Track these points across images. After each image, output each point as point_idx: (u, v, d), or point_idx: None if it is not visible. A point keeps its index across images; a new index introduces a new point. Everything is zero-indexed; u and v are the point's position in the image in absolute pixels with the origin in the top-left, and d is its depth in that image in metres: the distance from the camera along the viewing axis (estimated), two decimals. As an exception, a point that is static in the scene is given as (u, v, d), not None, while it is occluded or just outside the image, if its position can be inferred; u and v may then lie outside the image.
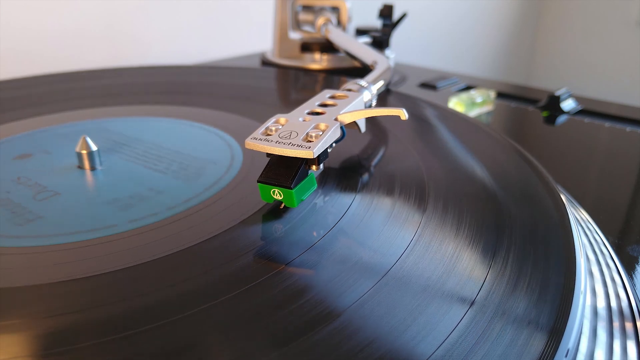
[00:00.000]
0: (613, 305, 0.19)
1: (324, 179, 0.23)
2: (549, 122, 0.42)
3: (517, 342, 0.14)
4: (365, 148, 0.27)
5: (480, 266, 0.17)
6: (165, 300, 0.15)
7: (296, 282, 0.16)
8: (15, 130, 0.30)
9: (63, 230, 0.19)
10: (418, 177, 0.24)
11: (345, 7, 0.53)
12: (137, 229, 0.19)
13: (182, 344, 0.13)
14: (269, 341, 0.14)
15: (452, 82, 0.53)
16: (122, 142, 0.28)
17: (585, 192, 0.30)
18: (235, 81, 0.42)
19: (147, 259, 0.17)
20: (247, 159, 0.26)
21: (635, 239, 0.25)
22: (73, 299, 0.15)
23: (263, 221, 0.20)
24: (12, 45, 0.52)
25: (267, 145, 0.20)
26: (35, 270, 0.17)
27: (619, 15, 1.29)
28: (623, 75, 1.30)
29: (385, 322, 0.14)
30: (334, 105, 0.24)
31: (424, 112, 0.35)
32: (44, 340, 0.14)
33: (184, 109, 0.34)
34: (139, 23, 0.62)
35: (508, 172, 0.26)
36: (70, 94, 0.38)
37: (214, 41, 0.70)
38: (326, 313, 0.15)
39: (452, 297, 0.16)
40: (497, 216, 0.21)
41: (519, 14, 1.37)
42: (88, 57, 0.58)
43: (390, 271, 0.17)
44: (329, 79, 0.44)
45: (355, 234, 0.19)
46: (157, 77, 0.43)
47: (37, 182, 0.23)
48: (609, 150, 0.37)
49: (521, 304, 0.15)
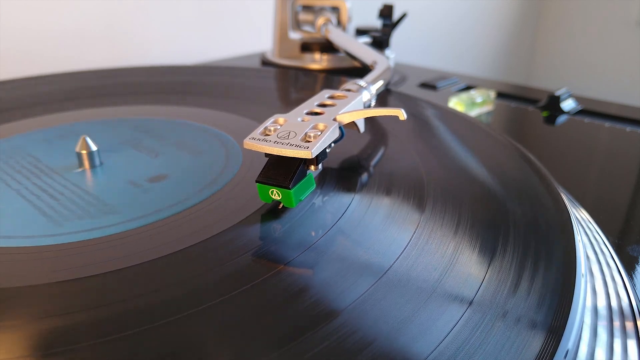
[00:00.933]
0: (613, 304, 0.19)
1: (323, 179, 0.23)
2: (549, 122, 0.42)
3: (517, 342, 0.14)
4: (364, 148, 0.27)
5: (480, 266, 0.17)
6: (164, 300, 0.15)
7: (295, 282, 0.16)
8: (16, 130, 0.30)
9: (63, 230, 0.19)
10: (417, 177, 0.24)
11: (345, 7, 0.53)
12: (136, 229, 0.19)
13: (181, 344, 0.13)
14: (268, 341, 0.14)
15: (452, 82, 0.53)
16: (121, 142, 0.28)
17: (585, 192, 0.30)
18: (235, 81, 0.42)
19: (147, 259, 0.17)
20: (246, 159, 0.26)
21: (635, 239, 0.25)
22: (73, 299, 0.15)
23: (262, 221, 0.20)
24: (12, 45, 0.52)
25: (266, 145, 0.20)
26: (35, 270, 0.17)
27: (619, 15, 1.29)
28: (623, 75, 1.30)
29: (385, 322, 0.14)
30: (332, 106, 0.24)
31: (423, 112, 0.35)
32: (44, 340, 0.14)
33: (183, 109, 0.34)
34: (139, 23, 0.62)
35: (508, 171, 0.26)
36: (70, 94, 0.38)
37: (214, 41, 0.70)
38: (325, 313, 0.15)
39: (451, 296, 0.16)
40: (497, 216, 0.21)
41: (519, 14, 1.37)
42: (88, 57, 0.58)
43: (389, 271, 0.17)
44: (329, 79, 0.44)
45: (354, 233, 0.19)
46: (157, 77, 0.43)
47: (37, 182, 0.23)
48: (609, 150, 0.37)
49: (521, 303, 0.15)
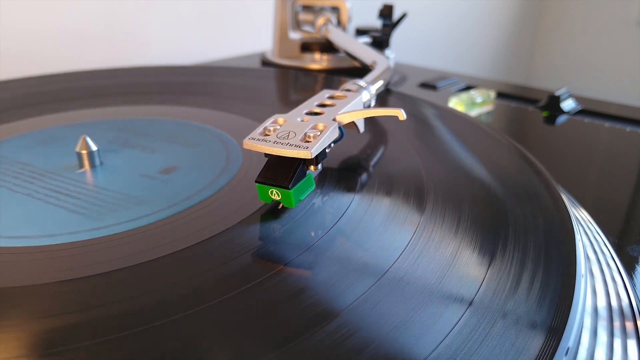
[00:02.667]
0: (613, 304, 0.19)
1: (323, 179, 0.23)
2: (549, 122, 0.42)
3: (517, 342, 0.14)
4: (364, 148, 0.27)
5: (480, 266, 0.17)
6: (164, 300, 0.15)
7: (295, 282, 0.16)
8: (16, 130, 0.30)
9: (63, 231, 0.19)
10: (417, 177, 0.24)
11: (345, 7, 0.53)
12: (136, 229, 0.19)
13: (181, 344, 0.13)
14: (268, 341, 0.14)
15: (452, 82, 0.53)
16: (121, 142, 0.28)
17: (585, 192, 0.30)
18: (235, 81, 0.42)
19: (146, 259, 0.17)
20: (246, 159, 0.26)
21: (635, 239, 0.25)
22: (73, 299, 0.15)
23: (261, 221, 0.20)
24: (12, 45, 0.52)
25: (265, 145, 0.20)
26: (35, 270, 0.17)
27: (619, 15, 1.29)
28: (623, 75, 1.30)
29: (384, 322, 0.14)
30: (332, 106, 0.24)
31: (423, 112, 0.35)
32: (44, 340, 0.14)
33: (183, 109, 0.34)
34: (139, 23, 0.62)
35: (508, 171, 0.26)
36: (70, 94, 0.38)
37: (214, 41, 0.70)
38: (325, 313, 0.15)
39: (451, 296, 0.16)
40: (497, 216, 0.20)
41: (519, 14, 1.37)
42: (88, 57, 0.58)
43: (389, 271, 0.17)
44: (329, 79, 0.44)
45: (354, 234, 0.19)
46: (157, 77, 0.43)
47: (37, 182, 0.23)
48: (609, 150, 0.37)
49: (521, 303, 0.15)
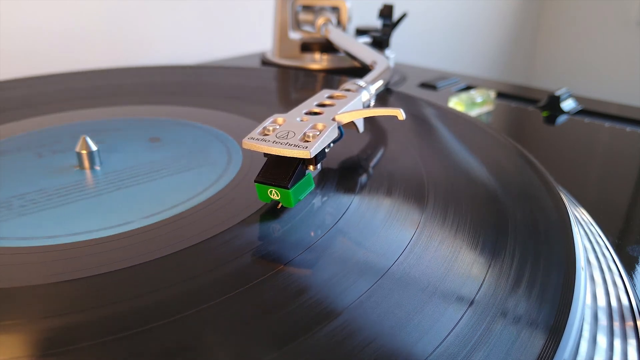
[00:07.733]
0: (613, 304, 0.19)
1: (323, 179, 0.23)
2: (549, 122, 0.42)
3: (517, 342, 0.14)
4: (364, 148, 0.27)
5: (480, 266, 0.17)
6: (164, 300, 0.15)
7: (295, 282, 0.16)
8: (15, 130, 0.30)
9: (62, 232, 0.19)
10: (417, 177, 0.24)
11: (345, 7, 0.53)
12: (136, 229, 0.19)
13: (181, 344, 0.13)
14: (268, 341, 0.14)
15: (452, 82, 0.53)
16: (121, 142, 0.28)
17: (585, 192, 0.30)
18: (235, 81, 0.42)
19: (146, 259, 0.17)
20: (246, 159, 0.26)
21: (635, 239, 0.25)
22: (73, 299, 0.15)
23: (261, 221, 0.20)
24: (12, 45, 0.52)
25: (264, 145, 0.20)
26: (35, 270, 0.17)
27: (619, 15, 1.29)
28: (623, 75, 1.30)
29: (385, 322, 0.14)
30: (331, 105, 0.24)
31: (423, 111, 0.35)
32: (44, 340, 0.14)
33: (183, 109, 0.34)
34: (139, 23, 0.62)
35: (508, 171, 0.26)
36: (70, 94, 0.38)
37: (214, 41, 0.70)
38: (325, 313, 0.15)
39: (451, 296, 0.16)
40: (497, 216, 0.20)
41: (519, 14, 1.37)
42: (88, 57, 0.58)
43: (389, 271, 0.17)
44: (329, 79, 0.44)
45: (354, 233, 0.19)
46: (157, 77, 0.43)
47: (36, 182, 0.23)
48: (609, 150, 0.37)
49: (521, 303, 0.15)
